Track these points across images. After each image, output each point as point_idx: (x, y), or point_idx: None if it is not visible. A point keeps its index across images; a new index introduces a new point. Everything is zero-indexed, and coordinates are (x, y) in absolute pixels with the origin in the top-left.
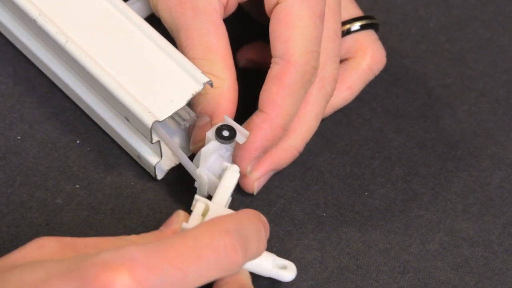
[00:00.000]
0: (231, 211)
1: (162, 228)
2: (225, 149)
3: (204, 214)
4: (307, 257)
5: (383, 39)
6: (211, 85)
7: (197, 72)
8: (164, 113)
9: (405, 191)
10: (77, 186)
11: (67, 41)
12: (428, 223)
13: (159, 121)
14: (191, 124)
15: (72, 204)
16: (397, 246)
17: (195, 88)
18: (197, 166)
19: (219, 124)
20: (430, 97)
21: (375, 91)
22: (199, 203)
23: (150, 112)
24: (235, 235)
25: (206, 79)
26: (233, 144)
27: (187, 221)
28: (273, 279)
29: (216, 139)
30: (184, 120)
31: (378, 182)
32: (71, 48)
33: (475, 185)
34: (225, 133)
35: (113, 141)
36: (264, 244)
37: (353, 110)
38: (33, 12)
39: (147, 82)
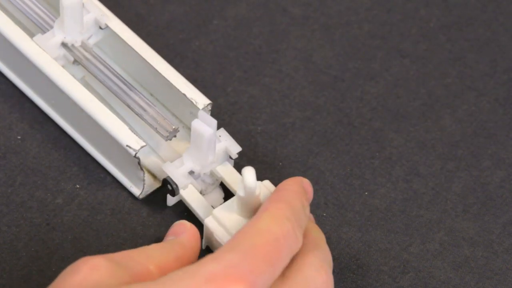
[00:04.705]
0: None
1: (169, 238)
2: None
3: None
4: None
5: (383, 39)
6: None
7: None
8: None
9: (405, 191)
10: (77, 186)
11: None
12: (428, 223)
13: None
14: (175, 136)
15: (72, 204)
16: (397, 246)
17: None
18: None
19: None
20: (430, 97)
21: (375, 91)
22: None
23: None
24: (294, 222)
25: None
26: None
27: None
28: None
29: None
30: (167, 131)
31: (378, 182)
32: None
33: (475, 185)
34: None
35: None
36: (308, 210)
37: (353, 110)
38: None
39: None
